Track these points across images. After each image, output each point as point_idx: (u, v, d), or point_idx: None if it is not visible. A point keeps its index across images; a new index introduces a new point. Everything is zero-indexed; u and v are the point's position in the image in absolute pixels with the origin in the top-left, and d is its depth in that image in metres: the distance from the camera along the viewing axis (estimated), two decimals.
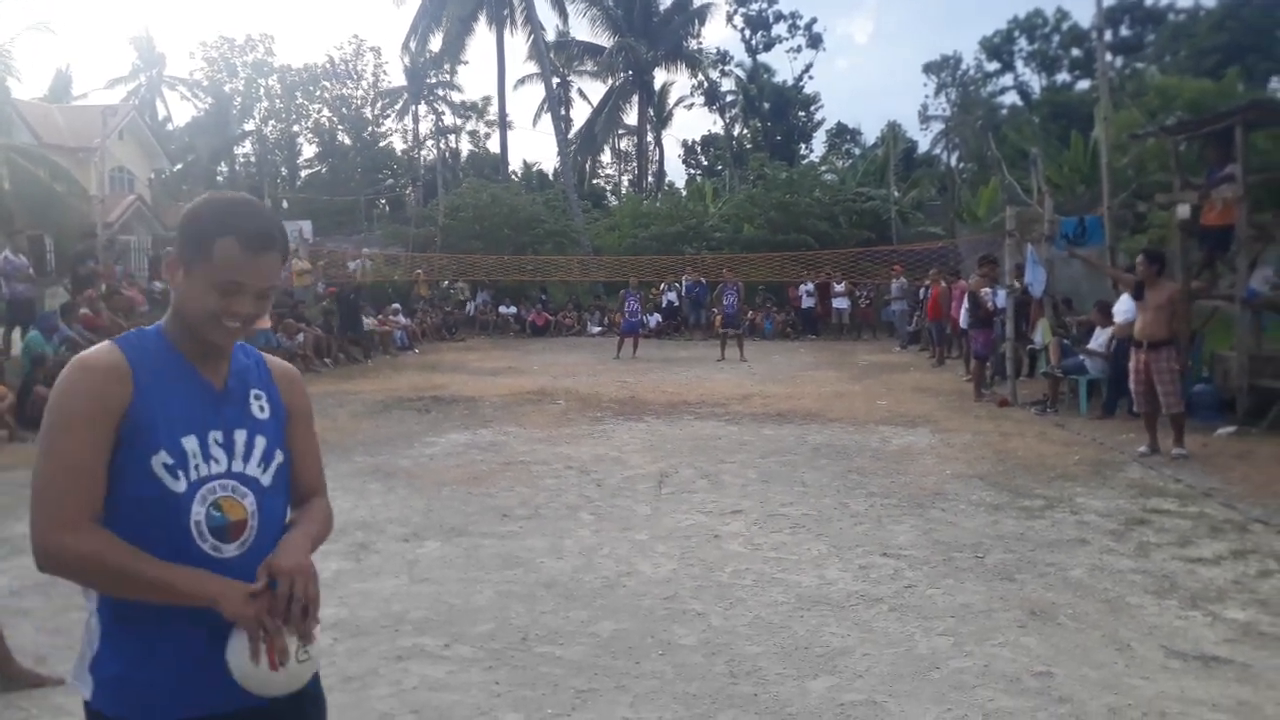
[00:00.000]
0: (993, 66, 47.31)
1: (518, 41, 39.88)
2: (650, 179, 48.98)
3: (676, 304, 25.90)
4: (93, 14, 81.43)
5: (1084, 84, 40.77)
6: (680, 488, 7.40)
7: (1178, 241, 11.40)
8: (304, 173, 51.50)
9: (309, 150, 52.34)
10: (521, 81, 44.52)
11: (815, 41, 47.64)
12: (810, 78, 48.01)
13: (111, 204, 25.50)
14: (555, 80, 42.53)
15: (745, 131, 48.50)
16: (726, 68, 48.99)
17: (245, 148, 50.38)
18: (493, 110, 47.09)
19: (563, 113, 44.12)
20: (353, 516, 6.46)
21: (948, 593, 4.86)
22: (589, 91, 49.80)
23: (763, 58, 47.80)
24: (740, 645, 4.21)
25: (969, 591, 4.87)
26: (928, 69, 49.50)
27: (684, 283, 25.40)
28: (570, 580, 5.13)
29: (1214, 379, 10.49)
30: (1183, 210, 10.90)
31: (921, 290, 20.03)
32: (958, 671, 3.89)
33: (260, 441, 1.75)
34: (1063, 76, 44.75)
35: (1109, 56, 23.78)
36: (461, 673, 3.95)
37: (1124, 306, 10.41)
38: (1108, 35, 21.25)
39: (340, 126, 50.84)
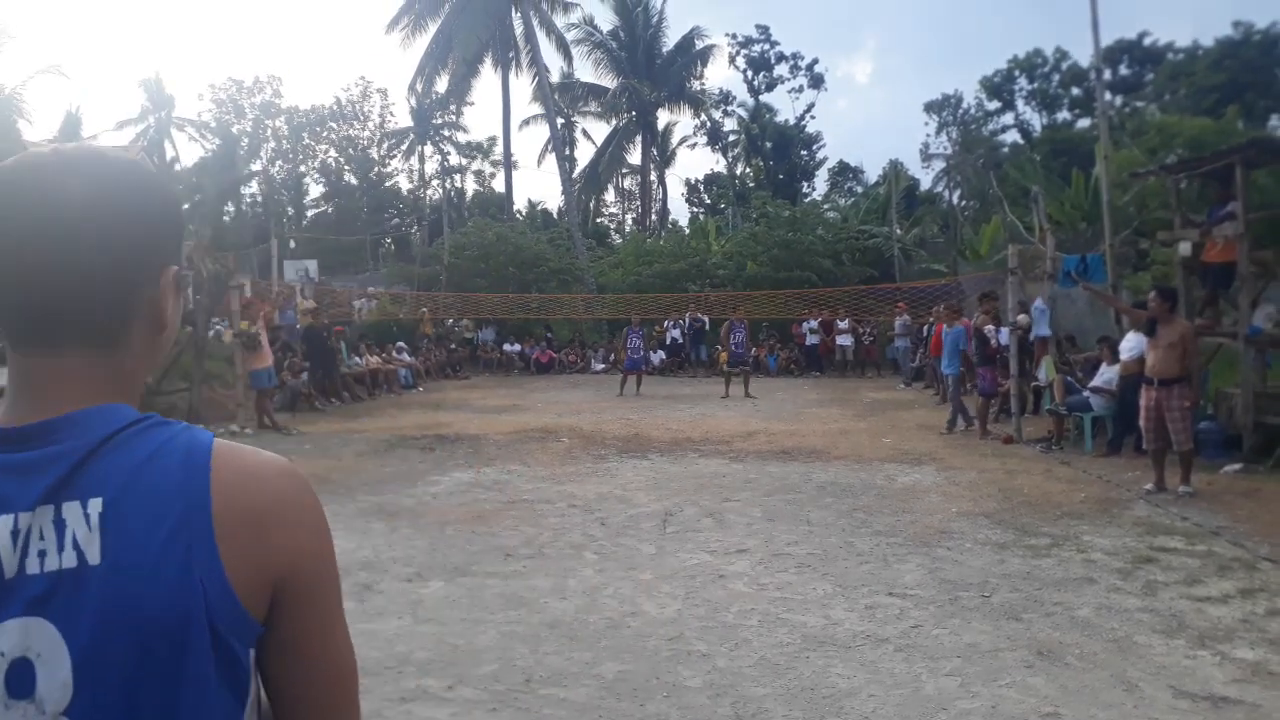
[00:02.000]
0: (993, 105, 47.66)
1: (523, 83, 40.47)
2: (654, 217, 49.26)
3: (680, 341, 25.94)
4: (103, 57, 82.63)
5: (1084, 122, 41.07)
6: (685, 526, 7.38)
7: (1180, 279, 11.44)
8: (310, 212, 51.91)
9: (315, 190, 52.80)
10: (526, 122, 45.05)
11: (817, 82, 48.13)
12: (812, 117, 48.46)
13: None
14: (560, 121, 42.98)
15: (748, 170, 48.80)
16: (729, 108, 49.48)
17: (252, 187, 50.74)
18: (498, 150, 47.43)
19: (567, 152, 44.54)
20: (356, 556, 6.45)
21: (954, 632, 4.82)
22: (593, 131, 50.34)
23: (765, 98, 48.26)
24: (746, 686, 4.18)
25: (975, 631, 4.84)
26: (928, 108, 49.85)
27: (686, 320, 25.48)
28: (574, 620, 5.11)
29: (1219, 416, 10.47)
30: (1184, 248, 10.95)
31: (925, 327, 20.06)
32: (965, 713, 3.86)
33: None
34: (1063, 115, 45.08)
35: (1108, 95, 24.00)
36: (465, 715, 3.93)
37: (1130, 344, 10.43)
38: (1107, 74, 21.46)
39: (347, 167, 51.31)
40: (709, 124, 48.71)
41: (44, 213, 0.89)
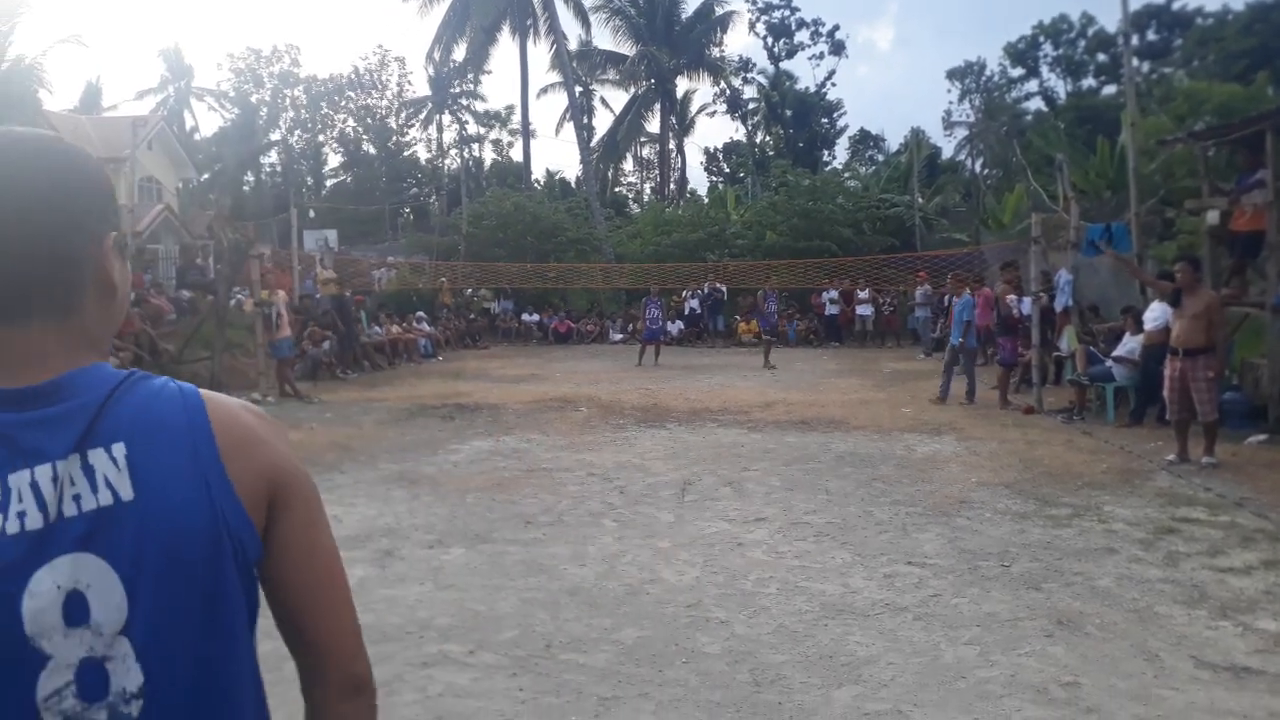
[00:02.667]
0: (1017, 72, 47.00)
1: (541, 51, 40.18)
2: (672, 186, 49.04)
3: (699, 311, 25.90)
4: (123, 27, 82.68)
5: (1110, 89, 40.49)
6: (703, 495, 7.40)
7: (1207, 248, 11.29)
8: (329, 182, 52.06)
9: (334, 160, 52.94)
10: (544, 90, 44.85)
11: (838, 48, 47.57)
12: (833, 84, 47.78)
13: (140, 213, 25.87)
14: (578, 89, 42.70)
15: (768, 138, 48.41)
16: (749, 75, 48.99)
17: (271, 157, 51.00)
18: (516, 119, 47.32)
19: (585, 121, 44.26)
20: (378, 523, 6.51)
21: (973, 602, 4.82)
22: (611, 100, 50.03)
23: (785, 65, 47.77)
24: (764, 654, 4.20)
25: (995, 600, 4.83)
26: (951, 75, 49.17)
27: (705, 290, 25.42)
28: (593, 587, 5.14)
29: (1244, 387, 10.36)
30: (1212, 216, 10.80)
31: (946, 297, 19.93)
32: (984, 681, 3.86)
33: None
34: (1088, 82, 44.41)
35: (1135, 61, 23.61)
36: (486, 680, 3.96)
37: (1155, 313, 10.31)
38: (1134, 40, 21.12)
39: (365, 136, 51.33)
40: (728, 92, 48.28)
41: None
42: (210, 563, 0.99)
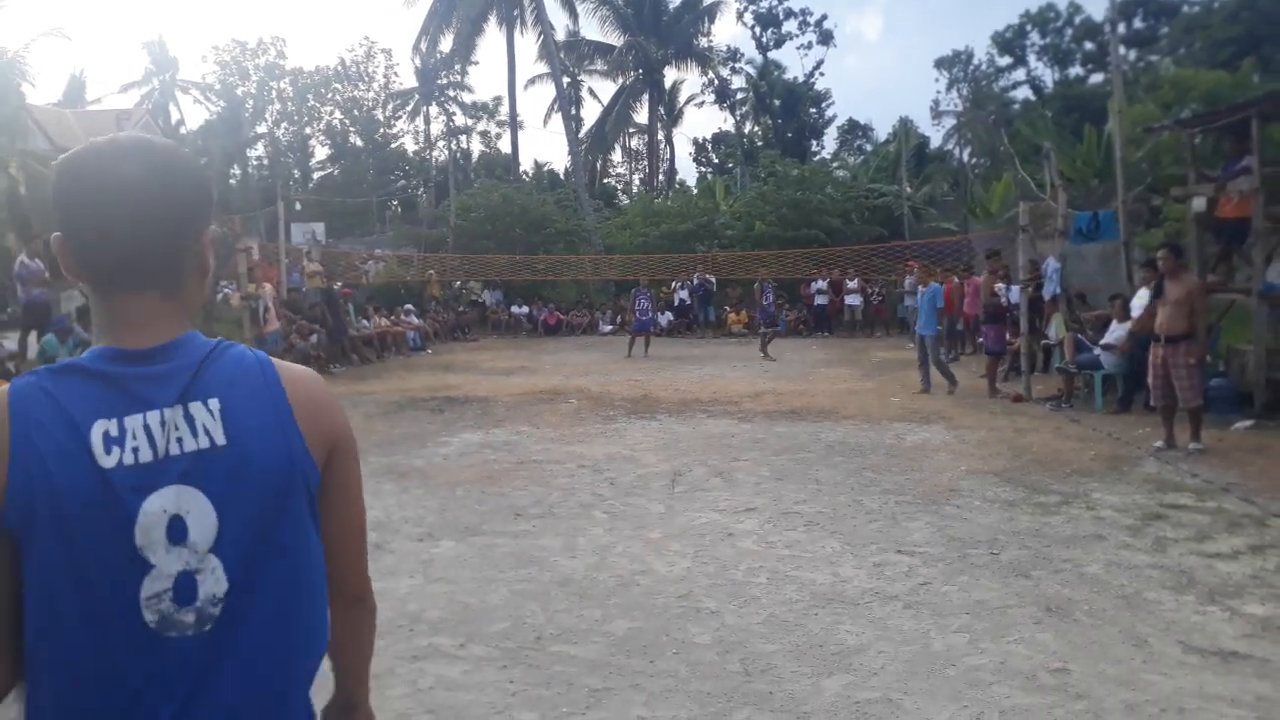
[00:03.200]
0: (1005, 61, 46.95)
1: (528, 41, 39.96)
2: (661, 177, 48.95)
3: (688, 302, 25.88)
4: (106, 19, 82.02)
5: (1097, 78, 40.52)
6: (693, 486, 7.40)
7: (1193, 235, 11.34)
8: (316, 175, 51.78)
9: (321, 152, 52.65)
10: (532, 81, 44.59)
11: (826, 38, 47.51)
12: (821, 74, 47.74)
13: None
14: (565, 80, 42.57)
15: (756, 129, 48.35)
16: (737, 65, 48.97)
17: (258, 150, 50.64)
18: (503, 110, 47.19)
19: (573, 112, 44.11)
20: (368, 516, 6.46)
21: (963, 589, 4.84)
22: (599, 90, 49.84)
23: (773, 55, 47.70)
24: (755, 643, 4.20)
25: (984, 588, 4.85)
26: (939, 64, 49.10)
27: (694, 281, 25.40)
28: (584, 579, 5.14)
29: (1230, 373, 10.42)
30: (1198, 203, 10.84)
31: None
32: (973, 669, 3.88)
33: None
34: (1076, 70, 44.41)
35: (1122, 49, 23.65)
36: (477, 672, 3.96)
37: (1142, 301, 10.36)
38: (1121, 28, 21.15)
39: (352, 128, 51.07)
40: (717, 82, 48.22)
41: (114, 192, 1.22)
42: (284, 498, 1.27)
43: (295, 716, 1.31)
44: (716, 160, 50.76)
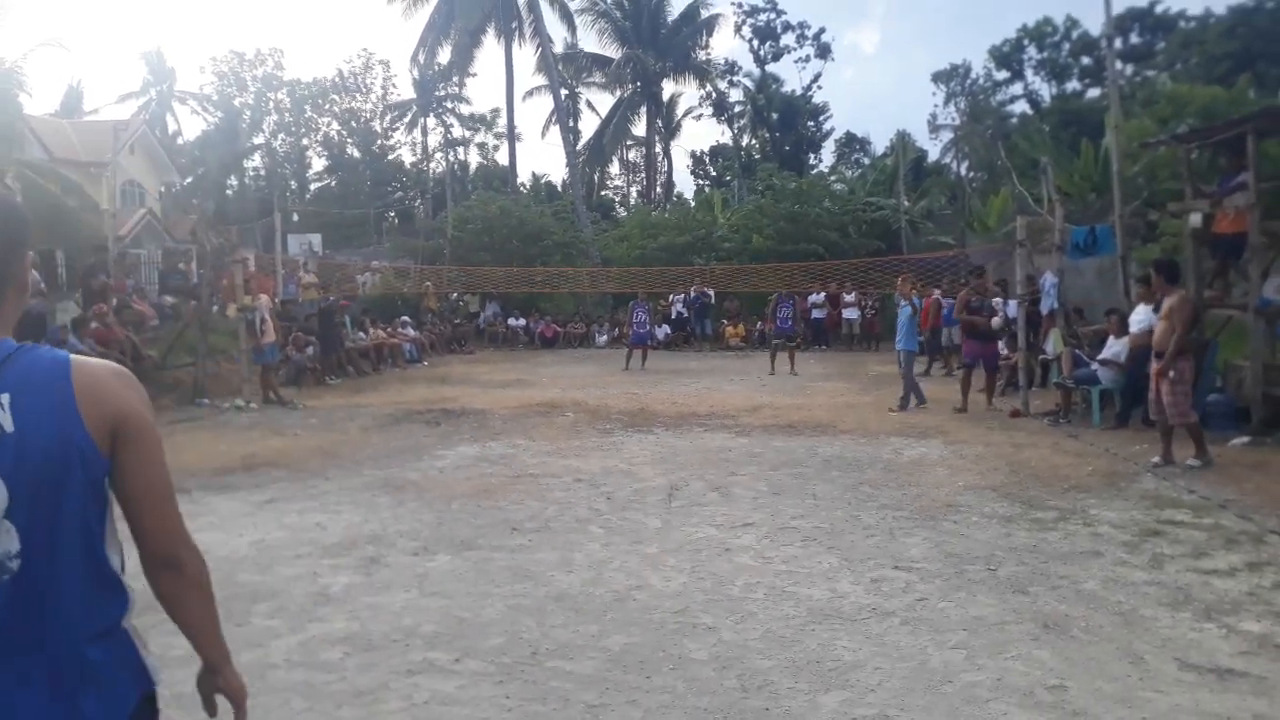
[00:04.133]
0: (1002, 75, 47.07)
1: (526, 54, 40.12)
2: (659, 190, 49.06)
3: (685, 315, 25.89)
4: (104, 30, 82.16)
5: (1094, 92, 40.63)
6: (690, 500, 7.38)
7: (1190, 250, 11.36)
8: (313, 186, 51.79)
9: (318, 163, 52.69)
10: (530, 93, 44.72)
11: (823, 51, 47.70)
12: (819, 87, 47.90)
13: (122, 218, 25.65)
14: (563, 92, 42.70)
15: (754, 142, 48.51)
16: (735, 78, 49.10)
17: (255, 161, 50.71)
18: (501, 122, 47.24)
19: (571, 124, 44.19)
20: (363, 530, 6.47)
21: (960, 606, 4.82)
22: (597, 103, 50.00)
23: (771, 68, 47.86)
24: (752, 659, 4.19)
25: (981, 604, 4.84)
26: (936, 78, 49.24)
27: (692, 294, 25.39)
28: (580, 594, 5.12)
29: (1227, 388, 10.42)
30: (1194, 219, 10.87)
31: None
32: (971, 685, 3.86)
33: None
34: (1073, 85, 44.54)
35: (1119, 64, 23.75)
36: (472, 687, 3.94)
37: (1139, 316, 10.38)
38: (1118, 43, 21.26)
39: (349, 139, 51.13)
40: (714, 95, 48.38)
41: None
42: (62, 473, 1.52)
43: (87, 652, 1.56)
44: (714, 173, 50.86)
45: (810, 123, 47.24)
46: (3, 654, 1.51)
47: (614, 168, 54.68)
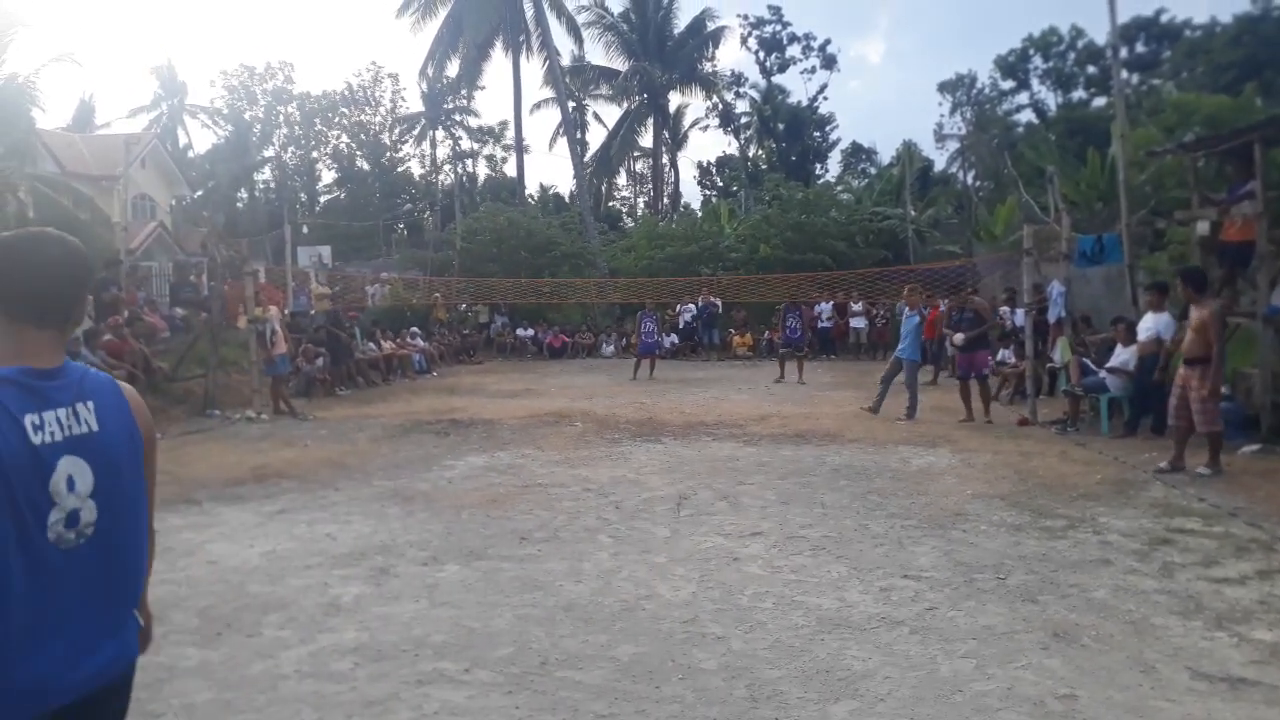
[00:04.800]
0: (1008, 85, 47.15)
1: (534, 66, 40.35)
2: (666, 200, 49.15)
3: (693, 325, 25.90)
4: (116, 45, 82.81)
5: (1100, 101, 40.63)
6: (699, 510, 7.39)
7: (1197, 258, 11.34)
8: (323, 198, 52.05)
9: (328, 176, 52.96)
10: (538, 106, 44.97)
11: (829, 62, 47.78)
12: (825, 98, 48.02)
13: (134, 231, 25.81)
14: (571, 104, 42.88)
15: (760, 152, 48.57)
16: (741, 89, 49.23)
17: (265, 174, 51.01)
18: (509, 134, 47.52)
19: (578, 136, 44.44)
20: (372, 540, 6.48)
21: (970, 615, 4.82)
22: (604, 115, 50.22)
23: (777, 79, 47.98)
24: (761, 669, 4.19)
25: (991, 613, 4.83)
26: (942, 88, 49.32)
27: (699, 303, 25.41)
28: (589, 603, 5.12)
29: (1236, 396, 10.39)
30: (1202, 227, 10.86)
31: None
32: (981, 694, 3.86)
33: None
34: (1079, 94, 44.57)
35: (1125, 73, 23.74)
36: (482, 697, 3.95)
37: (1147, 324, 10.37)
38: (1123, 52, 21.24)
39: (359, 152, 51.37)
40: (721, 106, 48.55)
41: (41, 266, 1.92)
42: (126, 463, 1.99)
43: (129, 603, 2.03)
44: (721, 183, 50.95)
45: (816, 133, 47.33)
46: (97, 609, 1.92)
47: (621, 179, 54.96)
